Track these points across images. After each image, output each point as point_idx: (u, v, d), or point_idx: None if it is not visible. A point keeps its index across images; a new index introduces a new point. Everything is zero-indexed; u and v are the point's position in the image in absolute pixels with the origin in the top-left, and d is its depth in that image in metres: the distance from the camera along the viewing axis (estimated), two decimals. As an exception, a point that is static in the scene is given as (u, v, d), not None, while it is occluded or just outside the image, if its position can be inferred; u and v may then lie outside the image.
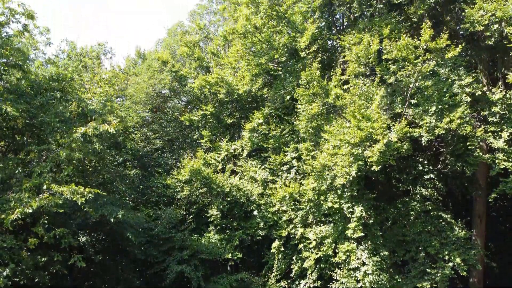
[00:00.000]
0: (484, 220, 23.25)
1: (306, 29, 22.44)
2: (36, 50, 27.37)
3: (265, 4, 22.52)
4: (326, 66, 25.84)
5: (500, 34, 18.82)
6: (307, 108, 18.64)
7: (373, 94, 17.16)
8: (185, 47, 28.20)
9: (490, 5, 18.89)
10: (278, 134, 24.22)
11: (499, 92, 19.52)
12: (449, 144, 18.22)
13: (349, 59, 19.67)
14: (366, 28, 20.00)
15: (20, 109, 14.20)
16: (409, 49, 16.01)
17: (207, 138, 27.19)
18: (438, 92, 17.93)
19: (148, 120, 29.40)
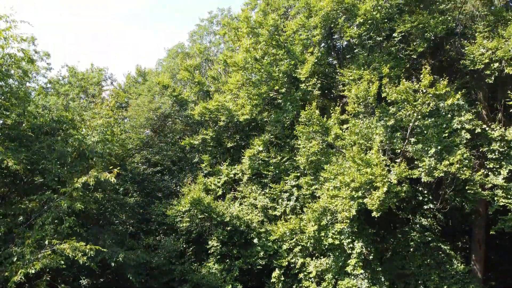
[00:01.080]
0: (484, 246, 23.37)
1: (306, 60, 22.47)
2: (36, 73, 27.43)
3: (265, 36, 22.54)
4: (326, 90, 25.94)
5: (501, 72, 18.90)
6: (307, 145, 18.70)
7: (373, 134, 17.20)
8: (185, 72, 28.24)
9: (491, 42, 18.99)
10: (278, 161, 24.29)
11: (498, 128, 19.61)
12: (448, 184, 18.31)
13: (348, 95, 19.74)
14: (366, 63, 20.04)
15: (21, 158, 14.24)
16: (408, 93, 16.06)
17: (207, 162, 27.25)
18: (437, 130, 18.02)
19: (148, 142, 29.45)
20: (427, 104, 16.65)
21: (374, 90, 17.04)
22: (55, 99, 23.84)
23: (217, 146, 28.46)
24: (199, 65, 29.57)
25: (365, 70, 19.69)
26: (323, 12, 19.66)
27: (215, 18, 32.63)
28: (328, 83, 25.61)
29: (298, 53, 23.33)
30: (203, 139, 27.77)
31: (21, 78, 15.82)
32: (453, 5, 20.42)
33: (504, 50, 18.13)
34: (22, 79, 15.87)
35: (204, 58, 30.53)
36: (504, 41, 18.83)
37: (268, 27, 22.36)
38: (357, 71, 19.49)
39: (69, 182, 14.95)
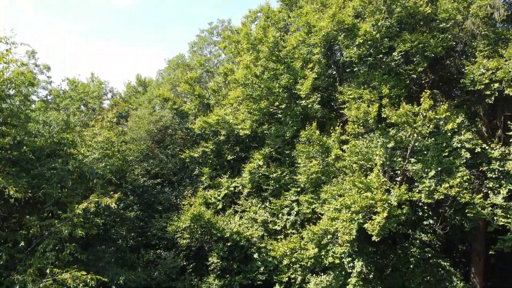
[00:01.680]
0: (483, 258, 23.43)
1: (306, 76, 22.47)
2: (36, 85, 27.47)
3: (265, 52, 22.56)
4: (326, 103, 25.97)
5: (501, 92, 18.93)
6: (307, 164, 18.75)
7: (373, 154, 17.24)
8: (186, 84, 28.27)
9: (491, 62, 19.01)
10: (278, 176, 24.32)
11: (498, 147, 19.66)
12: (449, 205, 18.37)
13: (348, 115, 19.77)
14: (365, 82, 20.06)
15: (22, 183, 14.29)
16: (408, 116, 16.11)
17: (207, 175, 27.28)
18: (437, 149, 18.06)
19: (148, 154, 29.46)
20: (427, 126, 16.66)
21: (374, 113, 17.08)
22: (56, 115, 23.90)
23: (217, 158, 28.49)
24: (199, 77, 29.58)
25: (365, 89, 19.71)
26: (323, 32, 19.66)
27: (215, 29, 32.66)
28: (328, 96, 25.67)
29: (298, 69, 23.34)
30: (203, 152, 27.80)
31: (22, 102, 15.83)
32: (453, 22, 20.42)
33: (504, 71, 18.17)
34: (23, 103, 15.88)
35: (205, 70, 30.54)
36: (505, 60, 18.88)
37: (268, 44, 22.36)
38: (356, 90, 19.51)
39: (70, 206, 14.99)
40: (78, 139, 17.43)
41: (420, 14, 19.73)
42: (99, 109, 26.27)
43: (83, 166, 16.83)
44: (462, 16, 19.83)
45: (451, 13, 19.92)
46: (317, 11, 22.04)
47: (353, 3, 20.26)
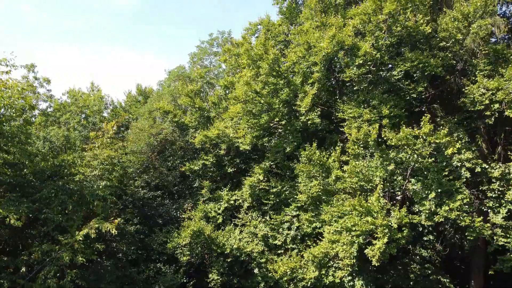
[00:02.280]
0: (482, 273, 23.48)
1: (306, 92, 22.47)
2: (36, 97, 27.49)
3: (265, 69, 22.58)
4: (326, 116, 25.96)
5: (501, 113, 18.97)
6: (307, 184, 18.80)
7: (373, 176, 17.29)
8: (186, 97, 28.31)
9: (491, 81, 19.03)
10: (279, 190, 24.33)
11: (498, 167, 19.69)
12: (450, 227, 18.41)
13: (348, 133, 19.81)
14: (365, 101, 20.10)
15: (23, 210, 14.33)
16: (409, 139, 16.15)
17: (207, 188, 27.30)
18: (437, 167, 18.09)
19: (148, 166, 29.49)
20: (427, 148, 16.71)
21: (374, 135, 17.11)
22: (56, 130, 23.93)
23: (217, 170, 28.50)
24: (199, 89, 29.61)
25: (365, 108, 19.73)
26: (323, 52, 19.68)
27: (215, 40, 32.69)
28: (329, 109, 25.63)
29: (298, 84, 23.35)
30: (203, 164, 27.83)
31: (22, 126, 15.87)
32: (454, 40, 20.43)
33: (504, 92, 18.20)
34: (23, 126, 15.92)
35: (205, 81, 30.56)
36: (504, 80, 18.90)
37: (268, 61, 22.37)
38: (356, 109, 19.54)
39: (70, 230, 15.02)
40: (78, 161, 17.43)
41: (420, 34, 19.74)
42: (100, 123, 26.26)
43: (83, 188, 16.87)
44: (462, 35, 19.85)
45: (452, 32, 19.95)
46: (317, 29, 22.06)
47: (353, 21, 20.28)
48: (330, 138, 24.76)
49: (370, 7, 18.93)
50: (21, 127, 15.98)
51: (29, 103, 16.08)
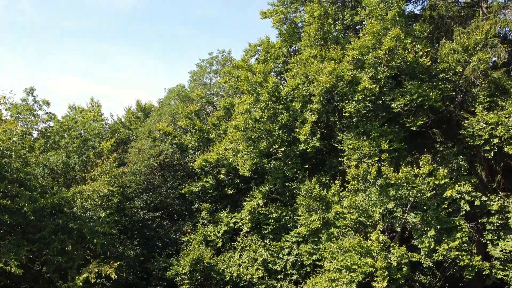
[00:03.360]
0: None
1: (305, 120, 22.47)
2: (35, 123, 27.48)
3: (265, 97, 22.60)
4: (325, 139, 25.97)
5: (500, 148, 18.99)
6: (308, 218, 18.85)
7: (373, 212, 17.33)
8: (186, 119, 28.33)
9: (491, 114, 19.04)
10: (278, 215, 24.35)
11: (497, 199, 19.71)
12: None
13: (347, 165, 19.83)
14: (365, 132, 20.12)
15: (23, 254, 14.36)
16: (408, 179, 16.20)
17: (206, 211, 27.31)
18: (437, 203, 18.12)
19: (148, 187, 29.51)
20: (426, 187, 16.75)
21: (374, 173, 17.13)
22: (55, 156, 23.93)
23: (217, 192, 28.50)
24: (199, 110, 29.64)
25: (364, 140, 19.74)
26: (322, 86, 19.71)
27: (215, 59, 32.71)
28: (328, 131, 25.60)
29: (297, 110, 23.37)
30: (202, 186, 27.85)
31: (22, 167, 15.90)
32: (453, 72, 20.43)
33: (504, 127, 18.22)
34: (23, 167, 15.95)
35: (205, 101, 30.59)
36: (504, 115, 18.92)
37: (268, 89, 22.40)
38: (356, 142, 19.57)
39: (70, 272, 15.06)
40: (78, 198, 17.46)
41: (420, 66, 19.76)
42: (99, 147, 26.24)
43: (83, 226, 16.90)
44: (462, 67, 19.87)
45: (451, 64, 19.97)
46: (316, 58, 22.06)
47: (352, 52, 20.28)
48: (330, 161, 24.81)
49: (369, 41, 18.93)
50: (21, 167, 16.00)
51: (28, 144, 16.10)
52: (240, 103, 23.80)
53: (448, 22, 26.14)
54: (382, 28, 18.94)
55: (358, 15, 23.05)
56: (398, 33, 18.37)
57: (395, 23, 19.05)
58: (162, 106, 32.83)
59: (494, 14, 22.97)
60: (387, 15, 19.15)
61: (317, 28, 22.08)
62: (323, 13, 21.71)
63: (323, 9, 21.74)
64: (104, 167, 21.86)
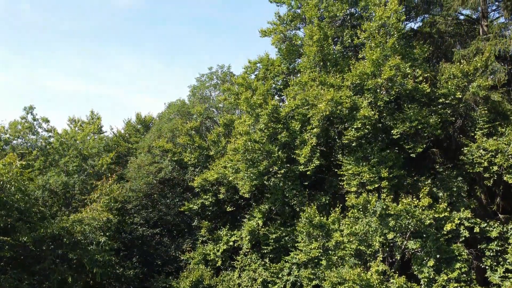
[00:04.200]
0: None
1: (305, 141, 22.45)
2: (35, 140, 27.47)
3: (264, 118, 22.60)
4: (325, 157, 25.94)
5: (500, 176, 19.00)
6: (308, 245, 18.89)
7: (373, 241, 17.35)
8: (185, 136, 28.34)
9: (490, 141, 19.03)
10: (278, 236, 24.35)
11: (497, 226, 19.72)
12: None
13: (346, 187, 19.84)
14: (365, 156, 20.11)
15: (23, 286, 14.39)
16: (409, 210, 16.23)
17: (206, 229, 27.31)
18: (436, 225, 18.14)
19: (147, 204, 29.56)
20: (426, 217, 16.79)
21: (374, 203, 17.13)
22: (55, 177, 23.94)
23: (217, 207, 28.48)
24: (199, 126, 29.65)
25: (364, 165, 19.74)
26: (321, 113, 19.71)
27: (215, 74, 32.72)
28: (328, 150, 25.56)
29: (297, 130, 23.33)
30: (202, 204, 27.84)
31: (22, 199, 15.92)
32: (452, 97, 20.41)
33: (503, 156, 18.22)
34: (23, 198, 15.97)
35: (205, 116, 30.59)
36: (503, 141, 18.92)
37: (268, 111, 22.39)
38: (356, 168, 19.57)
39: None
40: (77, 227, 17.47)
41: (419, 92, 19.76)
42: (98, 165, 26.26)
43: (83, 256, 16.92)
44: (462, 94, 19.86)
45: (451, 89, 19.96)
46: (315, 80, 22.04)
47: (352, 77, 20.25)
48: (330, 180, 24.81)
49: (369, 68, 18.92)
50: (21, 199, 16.03)
51: (28, 176, 16.11)
52: (240, 123, 23.78)
53: (448, 40, 26.21)
54: (382, 55, 18.91)
55: (357, 36, 23.03)
56: (398, 62, 18.35)
57: (394, 51, 19.03)
58: (161, 121, 32.80)
59: (494, 36, 23.00)
60: (386, 42, 19.12)
61: (317, 51, 22.04)
62: (322, 36, 21.66)
63: (322, 33, 21.69)
64: (104, 189, 21.88)
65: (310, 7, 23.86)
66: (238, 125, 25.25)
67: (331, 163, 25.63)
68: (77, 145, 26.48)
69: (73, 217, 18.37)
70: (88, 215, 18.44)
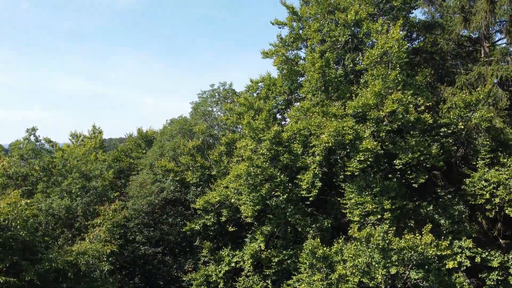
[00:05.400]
0: None
1: (307, 166, 22.50)
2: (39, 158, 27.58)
3: (267, 143, 22.67)
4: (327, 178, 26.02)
5: (501, 208, 19.11)
6: (310, 276, 18.97)
7: (375, 274, 17.46)
8: (187, 156, 28.40)
9: (492, 173, 19.11)
10: (280, 259, 24.44)
11: (498, 255, 19.85)
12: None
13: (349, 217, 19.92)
14: (367, 185, 20.21)
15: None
16: (412, 247, 16.34)
17: (207, 249, 27.37)
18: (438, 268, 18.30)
19: (149, 223, 29.63)
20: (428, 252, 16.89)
21: (377, 238, 17.19)
22: (58, 201, 24.02)
23: (218, 227, 28.55)
24: (201, 145, 29.71)
25: (367, 194, 19.83)
26: (324, 145, 19.78)
27: (216, 91, 32.74)
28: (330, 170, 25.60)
29: (299, 153, 23.39)
30: (204, 224, 27.89)
31: (27, 236, 16.03)
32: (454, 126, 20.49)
33: (505, 189, 18.32)
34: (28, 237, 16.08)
35: (207, 134, 30.62)
36: (505, 172, 19.00)
37: (270, 136, 22.46)
38: (358, 198, 19.66)
39: None
40: (81, 259, 17.56)
41: (421, 122, 19.83)
42: (101, 187, 26.34)
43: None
44: (464, 124, 19.94)
45: (453, 120, 20.04)
46: (317, 106, 22.12)
47: (354, 104, 20.30)
48: (331, 202, 24.91)
49: (371, 100, 18.98)
50: (26, 236, 16.13)
51: (31, 213, 16.24)
52: (242, 147, 23.86)
53: (449, 60, 26.21)
54: (384, 87, 18.98)
55: (359, 61, 23.09)
56: (400, 97, 18.42)
57: (397, 83, 19.10)
58: (163, 137, 32.82)
59: (496, 61, 23.06)
60: (388, 74, 19.17)
61: (318, 78, 22.08)
62: (324, 63, 21.71)
63: (324, 60, 21.73)
64: (106, 215, 22.00)
65: (313, 31, 23.91)
66: (240, 146, 25.31)
67: (333, 184, 25.74)
68: (80, 166, 26.50)
69: (77, 249, 18.45)
70: (92, 246, 18.53)
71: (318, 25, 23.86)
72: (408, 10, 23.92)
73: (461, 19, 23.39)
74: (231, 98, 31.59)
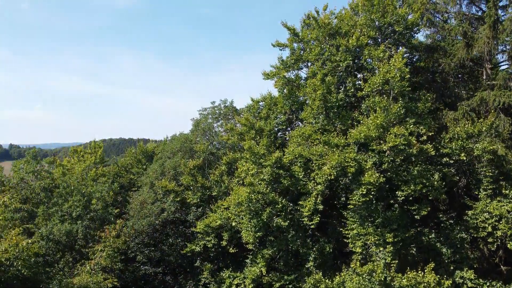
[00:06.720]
0: None
1: (309, 192, 22.41)
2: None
3: (268, 169, 22.60)
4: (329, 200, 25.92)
5: (502, 241, 19.06)
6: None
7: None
8: (188, 176, 28.32)
9: (495, 206, 19.05)
10: (281, 284, 24.37)
11: (499, 286, 19.81)
12: None
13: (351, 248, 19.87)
14: (369, 215, 20.14)
15: None
16: (414, 285, 16.31)
17: (208, 271, 27.31)
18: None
19: (150, 243, 29.57)
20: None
21: (379, 274, 17.16)
22: (59, 226, 23.97)
23: (218, 248, 28.46)
24: (202, 164, 29.61)
25: (369, 225, 19.77)
26: (325, 177, 19.70)
27: (217, 108, 32.59)
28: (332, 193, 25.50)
29: (300, 178, 23.30)
30: (204, 245, 27.79)
31: (28, 274, 16.00)
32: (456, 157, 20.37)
33: (507, 223, 18.26)
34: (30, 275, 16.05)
35: (208, 153, 30.51)
36: (507, 203, 18.93)
37: (271, 162, 22.39)
38: (360, 229, 19.61)
39: None
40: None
41: (423, 154, 19.74)
42: (102, 210, 26.25)
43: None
44: (466, 155, 19.84)
45: (455, 150, 19.94)
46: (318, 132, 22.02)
47: (356, 135, 20.21)
48: (332, 225, 24.84)
49: (373, 132, 18.87)
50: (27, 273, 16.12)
51: (33, 251, 16.24)
52: (243, 171, 23.79)
53: (451, 82, 26.01)
54: (386, 119, 18.88)
55: (361, 87, 22.95)
56: (402, 132, 18.32)
57: (399, 117, 19.00)
58: (164, 154, 32.72)
59: (498, 87, 22.88)
60: (391, 106, 19.06)
61: (319, 104, 21.98)
62: (325, 90, 21.59)
63: (325, 87, 21.62)
64: (107, 241, 21.99)
65: (314, 55, 23.77)
66: (241, 170, 25.23)
67: (335, 206, 25.64)
68: (81, 188, 26.43)
69: (78, 281, 18.43)
70: (93, 279, 18.49)
71: (319, 49, 23.72)
72: (410, 35, 23.74)
73: (463, 45, 23.22)
74: (232, 115, 31.46)
